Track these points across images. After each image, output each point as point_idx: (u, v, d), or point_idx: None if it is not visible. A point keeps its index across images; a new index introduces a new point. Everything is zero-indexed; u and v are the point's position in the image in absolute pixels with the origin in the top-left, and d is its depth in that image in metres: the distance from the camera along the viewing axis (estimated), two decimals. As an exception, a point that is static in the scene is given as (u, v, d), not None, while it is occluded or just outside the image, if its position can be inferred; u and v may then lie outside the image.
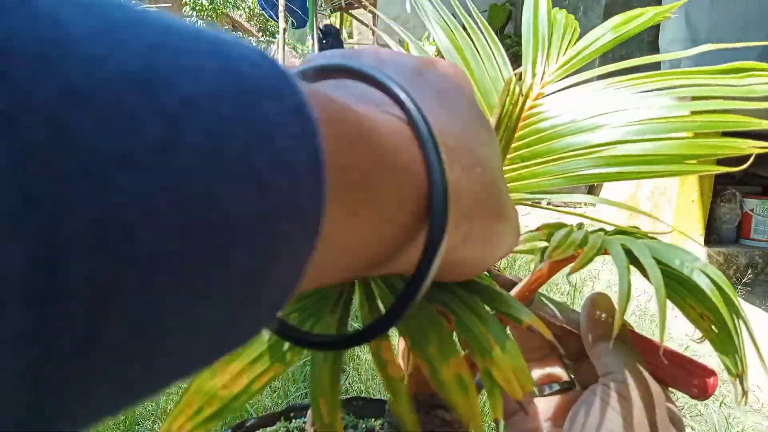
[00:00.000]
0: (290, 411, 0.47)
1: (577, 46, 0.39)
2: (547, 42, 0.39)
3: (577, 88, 0.38)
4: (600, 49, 0.38)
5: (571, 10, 3.39)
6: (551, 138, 0.37)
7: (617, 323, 0.23)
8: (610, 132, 0.35)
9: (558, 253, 0.26)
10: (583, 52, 0.39)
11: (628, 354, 0.28)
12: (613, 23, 0.39)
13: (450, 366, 0.22)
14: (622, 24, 0.38)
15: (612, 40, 0.38)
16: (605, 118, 0.35)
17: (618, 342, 0.28)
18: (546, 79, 0.39)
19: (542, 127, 0.38)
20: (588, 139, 0.36)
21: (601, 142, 0.35)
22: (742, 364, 0.27)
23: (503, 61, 0.40)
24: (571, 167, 0.36)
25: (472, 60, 0.39)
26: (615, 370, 0.27)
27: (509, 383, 0.23)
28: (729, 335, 0.27)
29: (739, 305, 0.27)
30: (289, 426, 0.46)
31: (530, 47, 0.38)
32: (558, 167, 0.37)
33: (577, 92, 0.37)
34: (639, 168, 0.34)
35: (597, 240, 0.27)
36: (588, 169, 0.36)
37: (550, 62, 0.39)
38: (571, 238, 0.27)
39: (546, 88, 0.39)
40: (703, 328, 0.28)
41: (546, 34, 0.39)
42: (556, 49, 0.39)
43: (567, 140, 0.37)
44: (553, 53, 0.39)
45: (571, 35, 0.40)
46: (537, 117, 0.38)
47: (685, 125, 0.33)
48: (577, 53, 0.39)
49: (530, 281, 0.34)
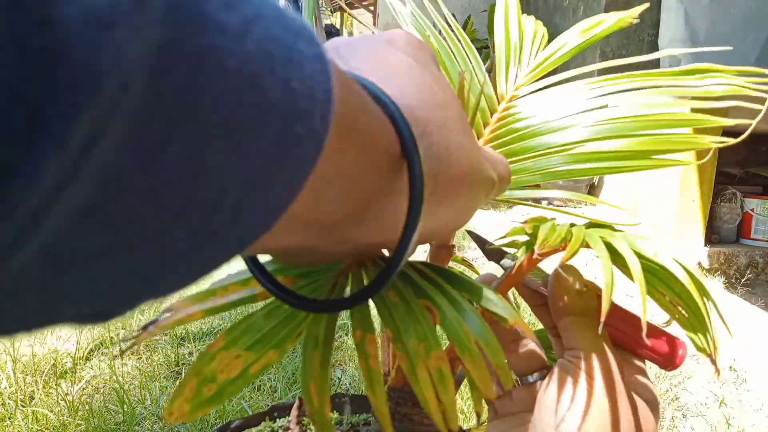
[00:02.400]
0: (274, 411, 0.48)
1: (547, 51, 0.40)
2: (519, 49, 0.40)
3: (550, 89, 0.39)
4: (569, 53, 0.39)
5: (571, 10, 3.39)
6: (526, 137, 0.38)
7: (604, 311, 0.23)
8: (580, 130, 0.36)
9: (546, 246, 0.27)
10: (553, 56, 0.40)
11: (591, 329, 0.28)
12: (581, 28, 0.40)
13: (430, 359, 0.23)
14: (589, 29, 0.39)
15: (580, 44, 0.39)
16: (575, 117, 0.36)
17: (583, 317, 0.28)
18: (519, 81, 0.40)
19: (517, 127, 0.39)
20: (561, 137, 0.37)
21: (572, 140, 0.36)
22: (714, 343, 0.28)
23: (477, 63, 0.41)
24: (546, 164, 0.37)
25: (447, 61, 0.40)
26: (576, 346, 0.27)
27: (484, 382, 0.24)
28: (700, 317, 0.28)
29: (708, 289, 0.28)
30: (274, 425, 0.47)
31: (503, 52, 0.39)
32: (534, 164, 0.38)
33: (549, 94, 0.38)
34: (608, 164, 0.35)
35: (579, 233, 0.28)
36: (562, 166, 0.37)
37: (521, 67, 0.40)
38: (556, 231, 0.28)
39: (519, 90, 0.39)
40: (673, 312, 0.28)
41: (517, 41, 0.40)
42: (527, 54, 0.40)
43: (541, 139, 0.38)
44: (525, 58, 0.40)
45: (540, 41, 0.41)
46: (512, 117, 0.39)
47: (649, 123, 0.34)
48: (546, 57, 0.40)
49: (511, 275, 0.35)
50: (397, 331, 0.24)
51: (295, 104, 0.12)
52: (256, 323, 0.25)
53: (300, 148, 0.13)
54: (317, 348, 0.24)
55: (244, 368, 0.24)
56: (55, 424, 1.08)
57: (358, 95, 0.17)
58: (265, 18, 0.12)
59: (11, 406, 1.12)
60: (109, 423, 1.08)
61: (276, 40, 0.12)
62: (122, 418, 1.09)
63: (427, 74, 0.22)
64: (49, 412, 1.10)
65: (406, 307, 0.24)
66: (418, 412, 0.42)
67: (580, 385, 0.26)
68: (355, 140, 0.17)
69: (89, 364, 1.31)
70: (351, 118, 0.16)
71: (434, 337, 0.24)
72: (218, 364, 0.24)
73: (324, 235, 0.19)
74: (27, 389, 1.18)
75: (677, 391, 1.33)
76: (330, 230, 0.19)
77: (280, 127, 0.12)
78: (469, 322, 0.24)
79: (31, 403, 1.14)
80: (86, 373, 1.25)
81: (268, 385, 1.22)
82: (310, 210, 0.17)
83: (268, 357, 0.24)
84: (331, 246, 0.21)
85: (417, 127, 0.20)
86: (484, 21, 4.40)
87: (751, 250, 2.00)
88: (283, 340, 0.25)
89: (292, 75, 0.12)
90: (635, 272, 0.24)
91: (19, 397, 1.14)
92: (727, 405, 1.33)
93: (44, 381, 1.22)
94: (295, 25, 0.13)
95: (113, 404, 1.14)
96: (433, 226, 0.22)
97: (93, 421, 1.08)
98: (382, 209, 0.20)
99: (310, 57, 0.13)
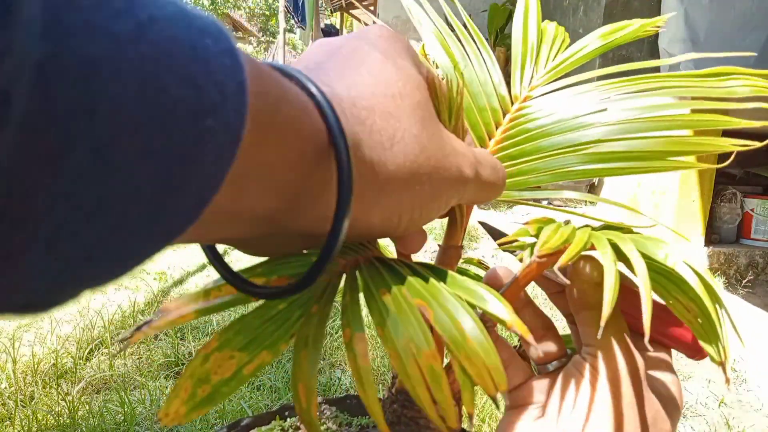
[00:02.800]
0: (285, 410, 0.47)
1: (566, 53, 0.40)
2: (536, 50, 0.40)
3: (564, 90, 0.38)
4: (587, 56, 0.39)
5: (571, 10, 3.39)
6: (538, 137, 0.38)
7: (604, 315, 0.23)
8: (595, 131, 0.35)
9: (546, 248, 0.27)
10: (571, 59, 0.39)
11: (611, 325, 0.27)
12: (601, 32, 0.40)
13: (421, 357, 0.23)
14: (610, 33, 0.39)
15: (598, 48, 0.39)
16: (590, 117, 0.36)
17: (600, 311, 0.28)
18: (534, 83, 0.39)
19: (530, 127, 0.38)
20: (573, 137, 0.37)
21: (586, 140, 0.36)
22: (725, 352, 0.28)
23: (492, 64, 0.41)
24: (558, 164, 0.37)
25: (462, 62, 0.40)
26: (593, 343, 0.27)
27: (482, 378, 0.23)
28: (712, 325, 0.27)
29: (720, 296, 0.27)
30: (284, 425, 0.47)
31: (519, 54, 0.39)
32: (545, 164, 0.38)
33: (564, 94, 0.38)
34: (622, 164, 0.35)
35: (584, 235, 0.28)
36: (574, 166, 0.36)
37: (538, 68, 0.40)
38: (559, 233, 0.28)
39: (534, 91, 0.39)
40: (688, 319, 0.28)
41: (535, 42, 0.40)
42: (545, 56, 0.40)
43: (553, 139, 0.37)
44: (542, 60, 0.40)
45: (560, 44, 0.41)
46: (525, 118, 0.39)
47: (666, 124, 0.33)
48: (564, 60, 0.40)
49: (520, 277, 0.34)
50: (388, 330, 0.23)
51: (200, 99, 0.13)
52: (249, 324, 0.25)
53: (214, 142, 0.13)
54: (306, 348, 0.24)
55: (237, 369, 0.24)
56: (55, 424, 1.07)
57: (278, 86, 0.17)
58: (162, 20, 0.12)
59: (11, 406, 1.11)
60: (109, 423, 1.08)
61: (176, 39, 0.12)
62: (122, 418, 1.09)
63: (388, 65, 0.22)
64: (49, 412, 1.09)
65: (398, 307, 0.24)
66: (425, 416, 0.42)
67: (588, 387, 0.26)
68: (277, 130, 0.17)
69: (89, 364, 1.30)
70: (271, 108, 0.16)
71: (426, 336, 0.23)
72: (212, 365, 0.24)
73: (263, 225, 0.19)
74: (27, 389, 1.18)
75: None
76: (268, 221, 0.19)
77: (189, 123, 0.13)
78: (463, 321, 0.24)
79: (31, 403, 1.13)
80: (86, 373, 1.25)
81: (269, 385, 1.22)
82: (236, 201, 0.17)
83: (262, 358, 0.24)
84: (278, 236, 0.21)
85: (354, 115, 0.20)
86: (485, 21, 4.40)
87: (751, 250, 2.01)
88: (276, 340, 0.25)
89: (196, 71, 0.13)
90: (639, 273, 0.24)
91: (19, 397, 1.14)
92: (727, 405, 1.33)
93: (44, 381, 1.21)
94: (199, 24, 0.13)
95: (113, 404, 1.13)
96: (380, 217, 0.22)
97: (93, 421, 1.07)
98: (315, 199, 0.20)
99: (216, 52, 0.13)
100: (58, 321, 1.51)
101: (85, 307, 1.57)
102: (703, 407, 1.31)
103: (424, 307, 0.24)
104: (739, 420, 1.27)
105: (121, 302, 1.63)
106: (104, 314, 1.52)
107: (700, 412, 1.29)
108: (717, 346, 0.28)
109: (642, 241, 0.29)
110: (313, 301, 0.26)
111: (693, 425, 1.24)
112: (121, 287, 1.78)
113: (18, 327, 1.46)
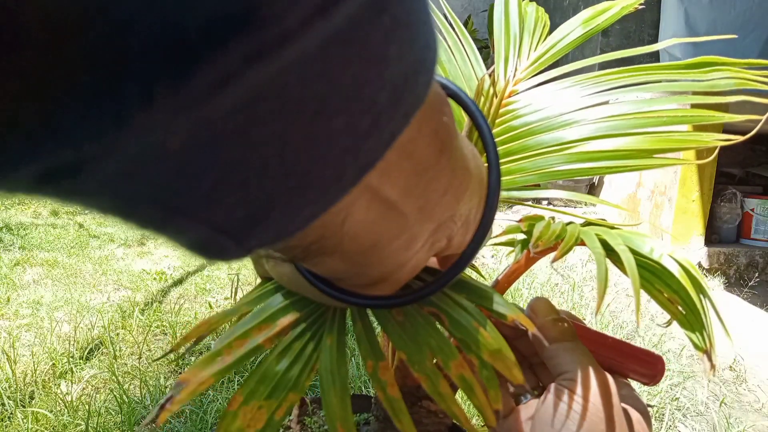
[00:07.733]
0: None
1: (547, 43, 0.40)
2: (519, 39, 0.40)
3: (549, 85, 0.38)
4: (571, 44, 0.39)
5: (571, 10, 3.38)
6: (524, 136, 0.38)
7: (598, 305, 0.23)
8: (579, 129, 0.35)
9: (542, 243, 0.27)
10: (554, 48, 0.39)
11: (578, 352, 0.28)
12: (583, 17, 0.40)
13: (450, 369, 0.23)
14: (592, 18, 0.39)
15: (582, 35, 0.38)
16: (574, 114, 0.36)
17: (567, 342, 0.28)
18: (518, 76, 0.39)
19: (515, 125, 0.38)
20: (560, 135, 0.37)
21: (573, 138, 0.36)
22: (709, 340, 0.28)
23: (476, 59, 0.41)
24: (544, 164, 0.37)
25: (444, 57, 0.40)
26: (569, 369, 0.28)
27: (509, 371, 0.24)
28: (696, 314, 0.28)
29: (706, 286, 0.28)
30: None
31: (502, 45, 0.39)
32: (532, 164, 0.38)
33: (549, 89, 0.38)
34: (610, 163, 0.35)
35: (574, 230, 0.28)
36: (561, 165, 0.37)
37: (521, 59, 0.40)
38: (551, 229, 0.28)
39: (519, 85, 0.39)
40: (671, 310, 0.28)
41: (517, 32, 0.40)
42: (527, 46, 0.40)
43: (540, 138, 0.37)
44: (524, 50, 0.40)
45: (541, 30, 0.40)
46: (510, 115, 0.39)
47: (653, 120, 0.33)
48: (547, 50, 0.39)
49: (509, 272, 0.35)
50: (411, 353, 0.24)
51: (426, 62, 0.16)
52: (268, 370, 0.25)
53: (415, 94, 0.16)
54: (334, 386, 0.24)
55: (269, 417, 0.24)
56: (55, 424, 1.08)
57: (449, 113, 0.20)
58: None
59: (11, 406, 1.12)
60: (109, 423, 1.08)
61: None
62: (122, 418, 1.09)
63: None
64: (49, 412, 1.10)
65: (413, 324, 0.24)
66: (417, 411, 0.42)
67: (577, 404, 0.27)
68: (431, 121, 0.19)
69: (89, 364, 1.31)
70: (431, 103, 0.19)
71: (449, 346, 0.24)
72: (242, 421, 0.24)
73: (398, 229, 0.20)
74: (27, 389, 1.18)
75: (677, 391, 1.32)
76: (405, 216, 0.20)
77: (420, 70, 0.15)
78: (480, 321, 0.24)
79: (31, 403, 1.14)
80: (86, 373, 1.25)
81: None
82: (383, 182, 0.18)
83: (290, 400, 0.24)
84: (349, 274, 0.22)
85: None
86: (484, 21, 4.40)
87: (751, 250, 2.00)
88: (298, 379, 0.25)
89: (433, 44, 0.16)
90: (629, 267, 0.24)
91: (18, 397, 1.14)
92: (727, 405, 1.33)
93: (44, 381, 1.22)
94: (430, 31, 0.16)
95: (113, 404, 1.14)
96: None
97: (93, 421, 1.08)
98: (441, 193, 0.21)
99: (436, 46, 0.16)
100: (58, 321, 1.52)
101: (85, 307, 1.58)
102: (703, 407, 1.30)
103: (436, 315, 0.24)
104: (739, 420, 1.27)
105: (121, 302, 1.64)
106: (104, 314, 1.52)
107: (700, 412, 1.29)
108: (701, 335, 0.28)
109: (628, 236, 0.29)
110: (325, 333, 0.26)
111: (693, 425, 1.24)
112: (121, 287, 1.79)
113: (18, 327, 1.47)
